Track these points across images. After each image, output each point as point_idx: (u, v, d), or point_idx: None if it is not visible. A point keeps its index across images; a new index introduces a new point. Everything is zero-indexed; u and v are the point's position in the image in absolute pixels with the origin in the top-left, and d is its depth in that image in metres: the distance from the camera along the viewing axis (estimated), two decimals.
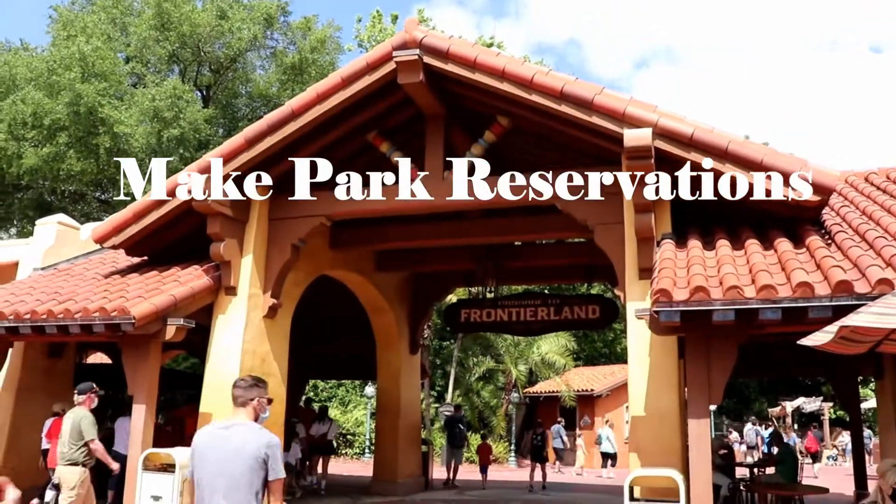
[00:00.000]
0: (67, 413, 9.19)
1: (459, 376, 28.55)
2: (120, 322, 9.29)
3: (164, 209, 10.59)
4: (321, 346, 16.10)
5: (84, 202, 27.07)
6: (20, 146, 23.97)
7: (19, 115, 23.74)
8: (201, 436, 4.66)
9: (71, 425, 8.86)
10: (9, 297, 10.97)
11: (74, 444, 8.83)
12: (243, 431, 4.53)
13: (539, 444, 17.66)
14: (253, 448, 4.44)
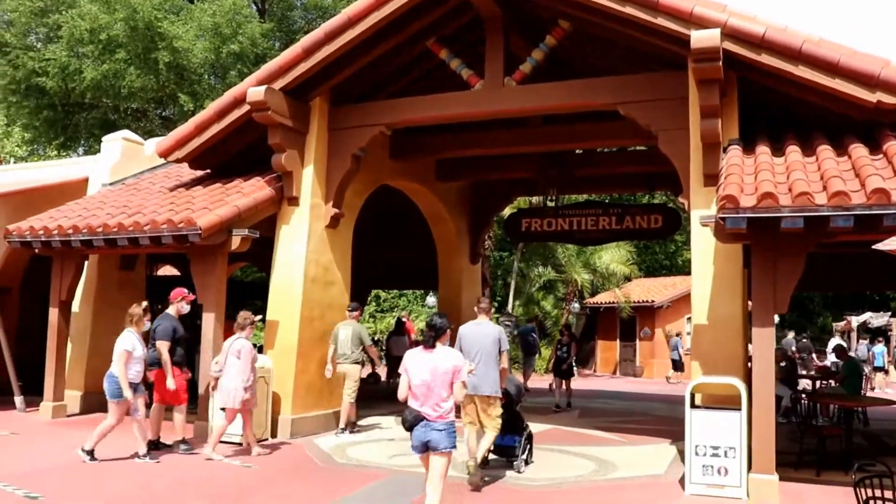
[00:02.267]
0: (344, 324, 10.85)
1: (520, 287, 28.69)
2: (187, 233, 9.53)
3: (225, 121, 10.70)
4: (382, 256, 16.30)
5: (146, 119, 27.36)
6: (80, 63, 24.21)
7: (77, 30, 23.88)
8: (466, 327, 8.34)
9: (352, 333, 10.73)
10: (81, 211, 11.31)
11: (356, 348, 10.70)
12: (489, 325, 8.31)
13: (563, 357, 15.09)
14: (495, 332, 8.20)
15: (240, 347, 9.04)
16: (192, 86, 25.43)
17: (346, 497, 7.30)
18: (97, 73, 23.77)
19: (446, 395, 5.75)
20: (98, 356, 12.27)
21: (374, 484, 7.87)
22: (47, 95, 25.27)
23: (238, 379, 8.93)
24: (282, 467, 8.62)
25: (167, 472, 8.33)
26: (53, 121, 26.62)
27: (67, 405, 11.78)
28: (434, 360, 5.82)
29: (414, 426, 5.75)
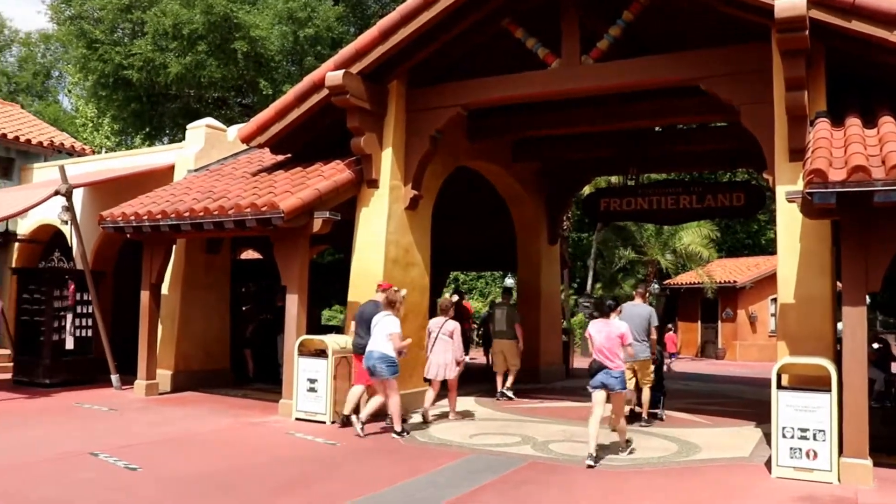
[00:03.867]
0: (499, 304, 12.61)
1: (599, 268, 28.41)
2: (270, 216, 9.75)
3: (304, 106, 10.88)
4: (461, 238, 16.33)
5: (227, 107, 28.04)
6: (165, 56, 24.98)
7: (161, 26, 24.63)
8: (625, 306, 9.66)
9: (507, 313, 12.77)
10: (169, 197, 11.67)
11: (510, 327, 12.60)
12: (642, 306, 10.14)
13: None
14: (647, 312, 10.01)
15: (452, 328, 10.20)
16: (271, 73, 25.94)
17: (429, 474, 7.39)
18: (180, 65, 24.47)
19: (618, 352, 8.06)
20: (186, 337, 12.75)
21: (458, 461, 7.94)
22: (134, 88, 26.18)
23: (450, 354, 10.13)
24: (365, 445, 8.78)
25: (256, 446, 8.59)
26: (140, 112, 27.55)
27: (159, 383, 12.23)
28: (609, 327, 8.26)
29: (597, 372, 8.04)
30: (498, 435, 9.48)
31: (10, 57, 38.55)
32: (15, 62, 38.46)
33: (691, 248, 27.90)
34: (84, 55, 26.29)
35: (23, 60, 38.38)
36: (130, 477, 6.97)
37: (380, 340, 9.10)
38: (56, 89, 39.07)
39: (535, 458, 8.14)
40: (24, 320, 13.38)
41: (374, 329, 9.18)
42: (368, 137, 10.70)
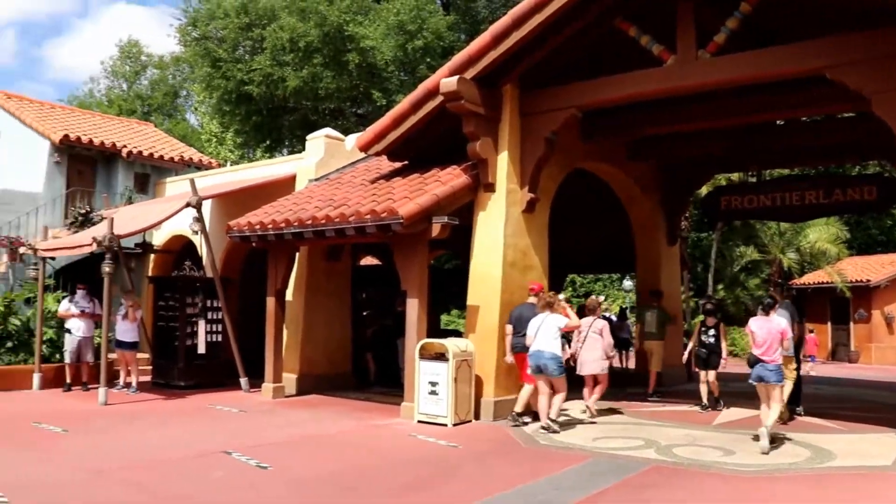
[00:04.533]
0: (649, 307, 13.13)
1: (720, 268, 27.58)
2: (390, 222, 9.95)
3: (420, 113, 11.05)
4: (577, 240, 16.20)
5: (343, 118, 28.76)
6: (283, 71, 25.88)
7: (279, 41, 25.55)
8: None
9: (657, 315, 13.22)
10: (291, 206, 12.08)
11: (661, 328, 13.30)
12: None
13: (710, 344, 11.68)
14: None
15: (601, 326, 10.87)
16: (384, 83, 26.45)
17: (550, 476, 7.35)
18: (297, 78, 25.29)
19: (776, 347, 8.69)
20: (310, 341, 13.12)
21: (580, 465, 7.87)
22: (255, 102, 27.23)
23: (601, 351, 10.74)
24: (486, 447, 8.82)
25: (379, 448, 8.77)
26: (260, 125, 28.63)
27: (285, 387, 12.65)
28: (769, 323, 8.88)
29: (754, 364, 8.71)
30: (620, 438, 9.34)
31: (144, 80, 40.85)
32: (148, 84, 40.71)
33: (818, 246, 26.70)
34: (208, 74, 27.55)
35: (155, 82, 40.61)
36: (261, 475, 7.25)
37: (548, 340, 9.51)
38: (184, 108, 41.17)
39: (659, 463, 7.98)
40: (161, 326, 14.16)
41: (539, 329, 9.57)
42: (484, 142, 10.77)
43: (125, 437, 9.13)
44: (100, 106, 37.86)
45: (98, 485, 6.79)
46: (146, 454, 8.12)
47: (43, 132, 17.66)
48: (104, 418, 10.36)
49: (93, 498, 6.41)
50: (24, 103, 19.74)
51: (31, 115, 18.51)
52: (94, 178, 18.32)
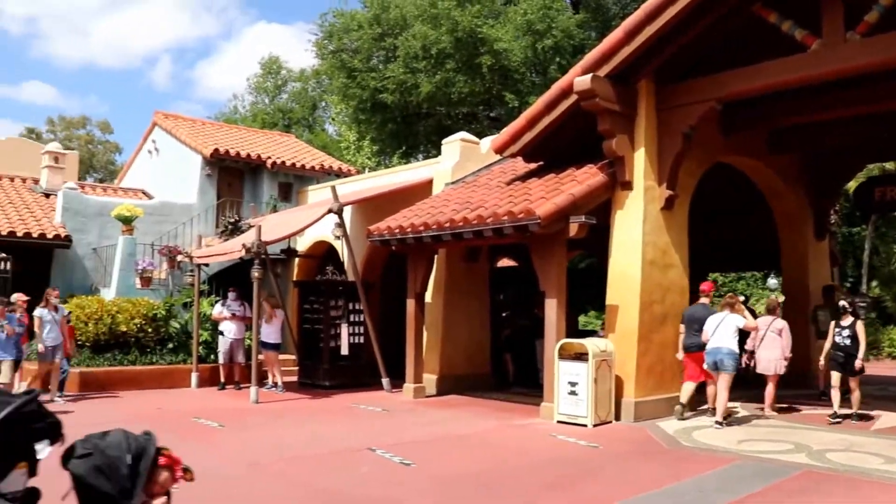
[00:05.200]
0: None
1: (876, 265, 26.01)
2: (527, 223, 9.98)
3: (554, 113, 11.04)
4: (718, 237, 15.69)
5: (476, 121, 28.98)
6: (416, 77, 26.38)
7: (411, 49, 26.06)
8: None
9: None
10: (429, 209, 12.31)
11: None
12: None
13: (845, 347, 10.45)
14: None
15: (781, 326, 10.83)
16: (515, 84, 26.49)
17: (694, 478, 7.18)
18: (431, 84, 25.70)
19: None
20: (450, 343, 13.32)
21: (725, 467, 7.64)
22: (389, 110, 27.87)
23: (778, 351, 10.69)
24: (627, 448, 8.71)
25: (519, 447, 8.81)
26: (396, 132, 29.28)
27: (425, 387, 12.89)
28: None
29: None
30: (767, 441, 9.01)
31: (285, 94, 42.65)
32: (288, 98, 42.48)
33: None
34: (344, 84, 28.42)
35: (295, 95, 42.31)
36: (405, 472, 7.44)
37: (726, 337, 9.81)
38: (322, 119, 42.63)
39: (811, 468, 7.62)
40: (306, 328, 14.74)
41: (718, 327, 9.91)
42: (620, 139, 10.63)
43: (276, 433, 9.58)
44: (245, 121, 39.78)
45: (255, 477, 7.17)
46: (296, 449, 8.50)
47: (195, 147, 18.78)
48: (256, 415, 10.91)
49: (252, 489, 6.77)
50: (179, 121, 21.07)
51: (185, 132, 19.72)
52: (241, 188, 19.32)
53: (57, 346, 11.69)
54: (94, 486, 2.92)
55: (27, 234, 15.68)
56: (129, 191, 20.94)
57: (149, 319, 14.11)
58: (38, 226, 16.21)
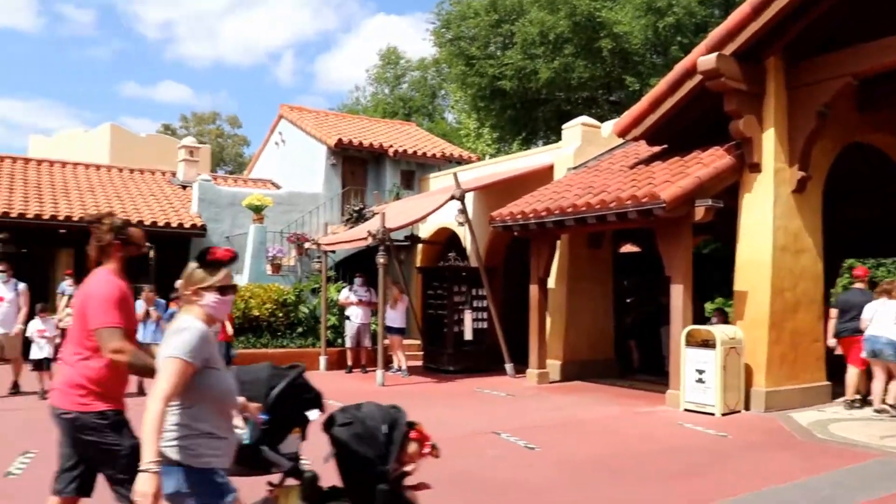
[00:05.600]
0: None
1: None
2: (651, 207, 9.83)
3: (677, 94, 10.79)
4: (854, 221, 14.91)
5: (596, 106, 28.60)
6: (534, 63, 26.25)
7: (529, 35, 25.93)
8: None
9: None
10: (551, 195, 12.29)
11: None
12: None
13: None
14: None
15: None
16: (636, 67, 25.97)
17: (831, 472, 6.92)
18: (549, 70, 25.53)
19: None
20: (573, 328, 13.29)
21: (865, 463, 7.31)
22: (508, 97, 27.86)
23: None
24: (757, 438, 8.48)
25: (644, 434, 8.72)
26: (515, 118, 29.25)
27: (549, 372, 12.91)
28: None
29: None
30: None
31: (404, 84, 43.24)
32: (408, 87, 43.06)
33: None
34: (463, 72, 28.59)
35: (414, 84, 42.83)
36: (531, 455, 7.51)
37: (885, 325, 9.54)
38: (441, 107, 43.01)
39: None
40: (430, 314, 15.00)
41: (876, 315, 9.63)
42: (747, 120, 10.28)
43: None
44: (366, 111, 40.61)
45: None
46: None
47: (320, 138, 19.37)
48: (382, 398, 11.03)
49: None
50: (304, 113, 21.78)
51: (310, 124, 20.36)
52: (365, 177, 19.81)
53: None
54: (356, 452, 3.32)
55: (167, 224, 16.60)
56: (258, 181, 21.85)
57: (279, 304, 14.70)
58: (176, 216, 17.13)
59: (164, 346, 3.13)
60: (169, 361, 3.05)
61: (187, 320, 3.21)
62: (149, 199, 18.14)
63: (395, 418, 3.45)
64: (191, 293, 3.29)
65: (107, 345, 3.68)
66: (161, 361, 3.08)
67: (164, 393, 2.98)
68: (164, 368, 3.05)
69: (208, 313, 3.30)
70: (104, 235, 3.94)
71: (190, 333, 3.12)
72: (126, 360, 3.70)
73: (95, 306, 3.75)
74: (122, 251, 3.97)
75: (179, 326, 3.18)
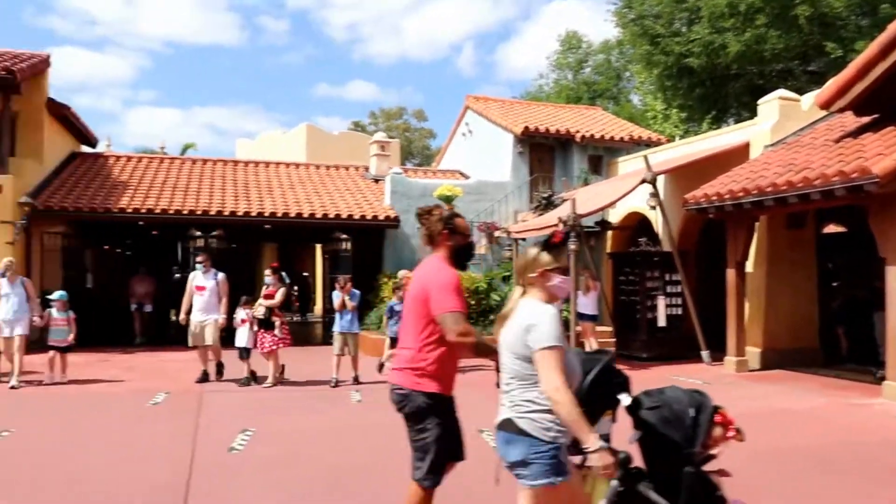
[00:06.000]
0: None
1: None
2: (861, 182, 9.18)
3: (890, 59, 9.98)
4: None
5: (792, 78, 26.91)
6: (723, 37, 25.10)
7: (717, 8, 24.82)
8: None
9: None
10: (748, 174, 11.76)
11: None
12: None
13: None
14: None
15: None
16: (838, 32, 24.24)
17: None
18: (739, 43, 24.37)
19: None
20: (773, 314, 12.71)
21: None
22: (696, 74, 26.86)
23: None
24: None
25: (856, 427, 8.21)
26: (704, 97, 28.16)
27: (748, 360, 12.39)
28: None
29: None
30: None
31: (587, 68, 42.66)
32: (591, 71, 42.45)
33: None
34: (647, 52, 27.81)
35: (598, 67, 42.18)
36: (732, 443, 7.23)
37: None
38: (626, 90, 42.05)
39: None
40: (621, 300, 14.79)
41: None
42: None
43: None
44: (549, 98, 40.44)
45: None
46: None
47: (506, 126, 19.54)
48: None
49: None
50: (489, 103, 22.05)
51: (496, 113, 20.59)
52: (552, 163, 19.77)
53: None
54: (663, 435, 3.44)
55: (363, 216, 17.37)
56: (447, 172, 22.37)
57: (471, 292, 14.99)
58: (371, 209, 17.88)
59: (529, 337, 3.27)
60: (547, 353, 3.22)
61: (538, 306, 3.38)
62: (344, 194, 19.05)
63: (701, 402, 3.50)
64: (537, 275, 3.45)
65: (452, 328, 3.82)
66: (538, 354, 3.23)
67: (559, 382, 3.17)
68: (545, 360, 3.22)
69: (553, 293, 3.46)
70: (434, 225, 4.17)
71: (550, 319, 3.28)
72: (471, 342, 3.87)
73: (437, 293, 3.91)
74: (450, 240, 4.16)
75: (535, 313, 3.33)
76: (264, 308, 10.92)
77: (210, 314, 11.06)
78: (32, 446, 7.25)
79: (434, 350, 3.96)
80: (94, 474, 6.21)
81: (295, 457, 6.85)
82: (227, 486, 5.91)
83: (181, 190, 17.86)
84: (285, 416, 8.87)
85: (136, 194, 17.10)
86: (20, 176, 15.56)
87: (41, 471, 6.33)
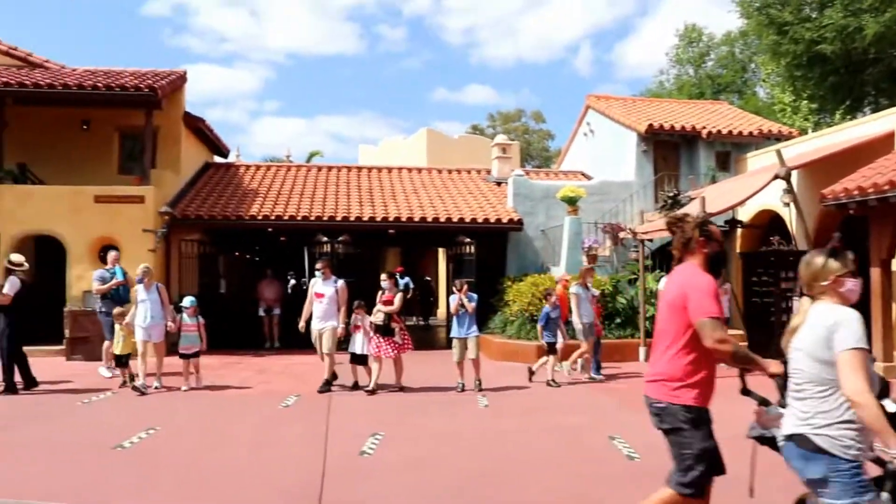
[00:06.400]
0: None
1: None
2: None
3: None
4: None
5: None
6: (859, 20, 23.78)
7: None
8: None
9: None
10: (894, 166, 11.08)
11: None
12: None
13: None
14: None
15: None
16: None
17: None
18: (878, 24, 23.06)
19: None
20: None
21: None
22: (829, 62, 25.57)
23: None
24: None
25: None
26: (837, 85, 26.79)
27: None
28: None
29: None
30: None
31: (709, 61, 41.36)
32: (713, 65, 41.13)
33: None
34: (775, 41, 26.65)
35: (721, 60, 40.83)
36: None
37: None
38: (752, 82, 40.48)
39: None
40: (754, 301, 14.23)
41: None
42: None
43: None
44: (671, 94, 39.41)
45: None
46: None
47: (629, 125, 19.17)
48: None
49: None
50: (610, 102, 21.72)
51: (618, 112, 20.24)
52: (677, 161, 19.25)
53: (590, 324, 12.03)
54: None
55: (486, 219, 17.39)
56: (569, 173, 22.15)
57: None
58: (493, 212, 17.89)
59: (835, 337, 3.28)
60: (853, 354, 3.21)
61: (840, 308, 3.39)
62: (467, 197, 19.14)
63: None
64: (831, 282, 3.46)
65: (711, 335, 3.78)
66: (843, 355, 3.23)
67: (863, 385, 3.16)
68: (851, 361, 3.22)
69: (847, 297, 3.46)
70: (689, 232, 4.14)
71: (856, 322, 3.28)
72: (729, 349, 3.80)
73: (696, 299, 3.88)
74: (706, 247, 4.11)
75: (840, 315, 3.34)
76: (383, 314, 10.84)
77: (328, 321, 10.98)
78: (175, 444, 7.65)
79: (690, 358, 3.91)
80: (230, 475, 6.49)
81: (423, 461, 6.93)
82: (358, 489, 6.04)
83: (307, 197, 18.40)
84: (413, 420, 8.98)
85: (265, 202, 17.74)
86: (160, 187, 16.40)
87: (183, 469, 6.69)
